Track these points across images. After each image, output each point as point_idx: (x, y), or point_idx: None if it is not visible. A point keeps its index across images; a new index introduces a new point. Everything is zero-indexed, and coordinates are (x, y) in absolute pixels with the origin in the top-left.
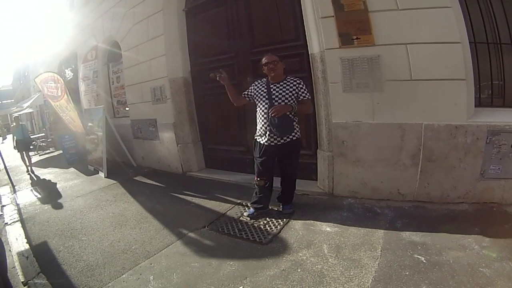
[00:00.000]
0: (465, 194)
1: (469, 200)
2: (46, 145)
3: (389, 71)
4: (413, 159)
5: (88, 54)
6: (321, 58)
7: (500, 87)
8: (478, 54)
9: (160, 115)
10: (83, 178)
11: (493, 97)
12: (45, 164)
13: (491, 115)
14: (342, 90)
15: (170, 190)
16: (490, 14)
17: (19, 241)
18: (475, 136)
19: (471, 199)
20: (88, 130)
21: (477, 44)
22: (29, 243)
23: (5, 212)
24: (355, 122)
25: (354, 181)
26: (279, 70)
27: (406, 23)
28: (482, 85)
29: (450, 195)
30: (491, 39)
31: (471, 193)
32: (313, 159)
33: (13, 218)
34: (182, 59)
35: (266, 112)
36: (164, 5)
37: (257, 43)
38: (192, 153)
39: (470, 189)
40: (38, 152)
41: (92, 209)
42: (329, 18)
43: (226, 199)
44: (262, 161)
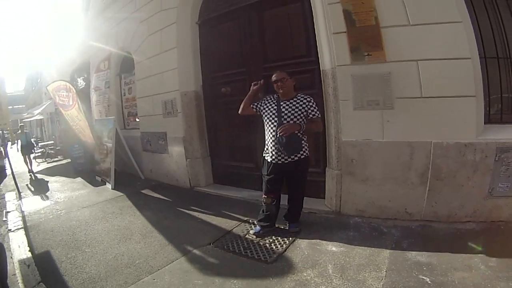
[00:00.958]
0: (473, 212)
1: (477, 218)
2: (55, 153)
3: (400, 88)
4: (422, 177)
5: (101, 64)
6: (333, 75)
7: (510, 102)
8: (488, 69)
9: (170, 128)
10: (90, 189)
11: (502, 113)
12: (53, 172)
13: (500, 132)
14: (353, 107)
15: (177, 205)
16: (501, 29)
17: (21, 248)
18: (484, 154)
19: (478, 217)
20: (98, 141)
21: (487, 59)
22: (32, 251)
23: (9, 219)
24: (365, 140)
25: (362, 200)
26: (289, 87)
27: (417, 39)
28: (492, 100)
29: (458, 214)
30: (502, 53)
31: (478, 212)
32: (321, 177)
33: (17, 225)
34: (194, 73)
35: (275, 130)
36: (178, 17)
37: (269, 58)
38: (200, 168)
39: (478, 208)
40: (46, 160)
41: (98, 221)
42: (341, 34)
43: (233, 216)
44: (269, 178)
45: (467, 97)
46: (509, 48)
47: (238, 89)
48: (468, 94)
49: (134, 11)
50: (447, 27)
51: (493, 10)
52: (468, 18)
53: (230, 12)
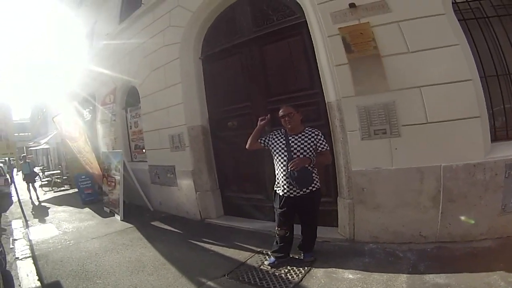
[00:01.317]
0: (488, 230)
1: (492, 235)
2: (61, 182)
3: (405, 116)
4: (433, 201)
5: (106, 98)
6: (338, 107)
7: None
8: (489, 87)
9: (179, 162)
10: (98, 220)
11: (508, 129)
12: (60, 202)
13: (508, 149)
14: (360, 138)
15: (188, 237)
16: (497, 46)
17: (30, 277)
18: (493, 172)
19: (494, 234)
20: (106, 173)
21: (487, 78)
22: (41, 280)
23: (16, 247)
24: (374, 169)
25: (375, 226)
26: (296, 121)
27: (418, 65)
28: (497, 117)
29: (473, 233)
30: (501, 71)
31: (493, 229)
32: (333, 206)
33: (24, 254)
34: (200, 107)
35: (285, 164)
36: (181, 53)
37: (273, 91)
38: (210, 200)
39: (493, 225)
40: (53, 189)
41: (108, 252)
42: (343, 66)
43: (246, 247)
44: (282, 212)
45: (472, 118)
46: (507, 65)
47: (244, 123)
48: (473, 115)
49: (138, 46)
50: (445, 51)
51: (487, 29)
52: (464, 39)
53: (232, 47)
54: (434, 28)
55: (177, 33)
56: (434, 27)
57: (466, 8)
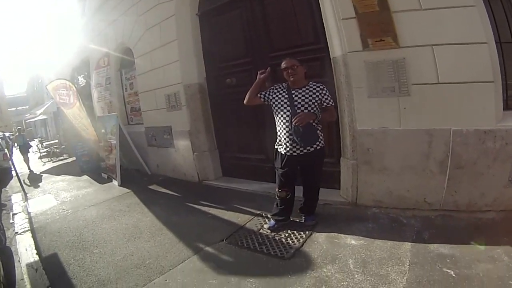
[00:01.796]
0: (493, 201)
1: (497, 207)
2: (60, 152)
3: (416, 75)
4: (441, 166)
5: (100, 61)
6: (344, 62)
7: None
8: (504, 54)
9: (175, 122)
10: (96, 187)
11: None
12: (59, 171)
13: None
14: (367, 95)
15: (186, 200)
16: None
17: (28, 252)
18: (504, 141)
19: (498, 206)
20: (102, 138)
21: (503, 44)
22: (39, 254)
23: (16, 221)
24: (381, 128)
25: (379, 190)
26: (300, 74)
27: (431, 23)
28: (510, 85)
29: (478, 203)
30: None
31: (498, 200)
32: (335, 167)
33: (23, 228)
34: (197, 65)
35: (289, 120)
36: (177, 9)
37: (275, 47)
38: (208, 161)
39: (498, 196)
40: (52, 159)
41: (105, 220)
42: (351, 20)
43: (244, 210)
44: (284, 172)
45: (485, 82)
46: None
47: (244, 80)
48: (486, 79)
49: (131, 6)
50: (461, 11)
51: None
52: (481, 2)
53: (231, 2)
54: None
55: None
56: None
57: None
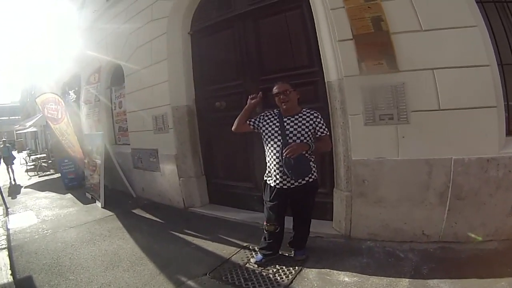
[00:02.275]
0: (495, 231)
1: (499, 237)
2: (47, 166)
3: (416, 101)
4: (441, 197)
5: (91, 77)
6: (340, 87)
7: None
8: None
9: (162, 145)
10: (79, 207)
11: None
12: (43, 187)
13: None
14: (363, 123)
15: (170, 227)
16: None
17: (3, 271)
18: (507, 169)
19: (500, 235)
20: (87, 156)
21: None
22: (13, 275)
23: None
24: (377, 158)
25: (375, 222)
26: (293, 101)
27: (431, 45)
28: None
29: (479, 234)
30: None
31: (500, 230)
32: (327, 198)
33: (1, 244)
34: (186, 86)
35: (279, 151)
36: (169, 27)
37: (267, 69)
38: (194, 187)
39: (500, 226)
40: (38, 173)
41: (84, 244)
42: (347, 42)
43: (230, 241)
44: (272, 205)
45: (488, 108)
46: None
47: (234, 104)
48: (489, 104)
49: (125, 22)
50: (462, 32)
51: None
52: (482, 22)
53: (224, 21)
54: (450, 7)
55: (166, 7)
56: (450, 6)
57: None
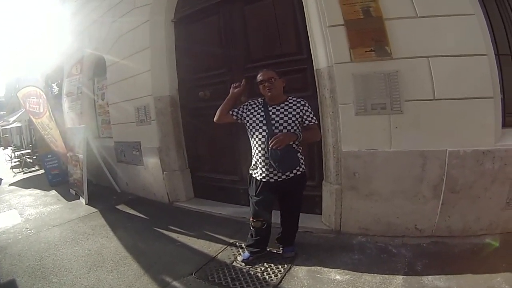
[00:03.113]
0: (489, 225)
1: (493, 231)
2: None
3: (410, 90)
4: (435, 190)
5: (73, 68)
6: (329, 75)
7: None
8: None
9: (145, 138)
10: (63, 204)
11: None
12: (27, 184)
13: None
14: (354, 112)
15: (155, 224)
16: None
17: None
18: (503, 162)
19: (494, 229)
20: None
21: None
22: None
23: None
24: (369, 150)
25: (366, 216)
26: (278, 89)
27: (427, 33)
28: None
29: (473, 227)
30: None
31: (495, 224)
32: (316, 190)
33: None
34: (169, 76)
35: (265, 141)
36: (151, 15)
37: (253, 57)
38: (179, 181)
39: (494, 220)
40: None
41: (68, 243)
42: (338, 27)
43: (217, 238)
44: (259, 200)
45: (484, 98)
46: None
47: (219, 93)
48: (486, 95)
49: (108, 10)
50: (460, 20)
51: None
52: (480, 11)
53: (209, 7)
54: None
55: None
56: None
57: None
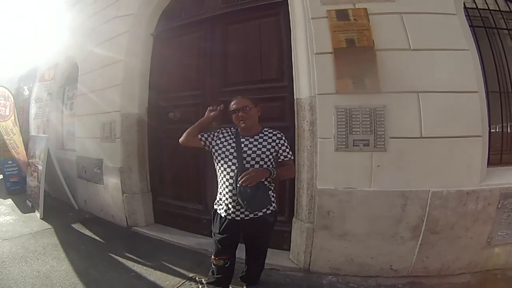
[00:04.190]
0: (468, 264)
1: (471, 269)
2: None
3: (396, 126)
4: (414, 231)
5: (46, 73)
6: (311, 105)
7: (509, 140)
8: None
9: (107, 156)
10: (17, 215)
11: (502, 153)
12: None
13: (504, 176)
14: (334, 148)
15: (110, 249)
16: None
17: None
18: (486, 202)
19: (473, 268)
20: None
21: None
22: None
23: None
24: (347, 189)
25: (338, 256)
26: (253, 119)
27: (419, 66)
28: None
29: (451, 267)
30: (504, 87)
31: (474, 263)
32: (285, 226)
33: None
34: (140, 92)
35: (233, 176)
36: (132, 26)
37: (230, 80)
38: (139, 205)
39: (474, 259)
40: None
41: (16, 262)
42: (326, 55)
43: (175, 270)
44: (222, 238)
45: (473, 137)
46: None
47: (189, 115)
48: (475, 134)
49: (90, 16)
50: (453, 55)
51: (495, 40)
52: (474, 46)
53: (192, 23)
54: (443, 27)
55: (135, 2)
56: (443, 26)
57: (475, 16)
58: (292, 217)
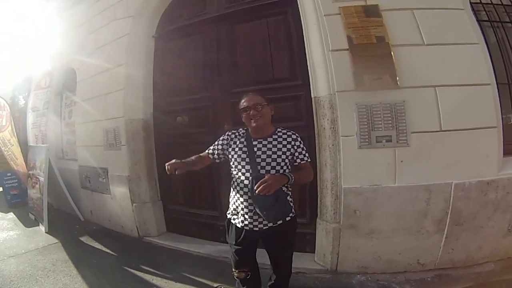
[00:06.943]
0: (490, 253)
1: (494, 258)
2: None
3: (416, 121)
4: (439, 224)
5: (42, 81)
6: (331, 104)
7: None
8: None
9: (113, 164)
10: (20, 230)
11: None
12: None
13: None
14: (357, 145)
15: (124, 262)
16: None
17: None
18: (505, 190)
19: (496, 256)
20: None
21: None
22: None
23: None
24: (372, 186)
25: (366, 255)
26: (265, 118)
27: (434, 61)
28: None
29: (475, 257)
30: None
31: (496, 251)
32: (307, 228)
33: None
34: (144, 96)
35: (248, 184)
36: (132, 28)
37: (240, 81)
38: (150, 214)
39: (496, 247)
40: None
41: (25, 281)
42: (343, 52)
43: (198, 281)
44: (239, 250)
45: (489, 128)
46: None
47: (198, 119)
48: (490, 125)
49: (86, 21)
50: (465, 49)
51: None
52: (483, 40)
53: (195, 24)
54: (453, 22)
55: (133, 5)
56: (453, 21)
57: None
58: (315, 218)
